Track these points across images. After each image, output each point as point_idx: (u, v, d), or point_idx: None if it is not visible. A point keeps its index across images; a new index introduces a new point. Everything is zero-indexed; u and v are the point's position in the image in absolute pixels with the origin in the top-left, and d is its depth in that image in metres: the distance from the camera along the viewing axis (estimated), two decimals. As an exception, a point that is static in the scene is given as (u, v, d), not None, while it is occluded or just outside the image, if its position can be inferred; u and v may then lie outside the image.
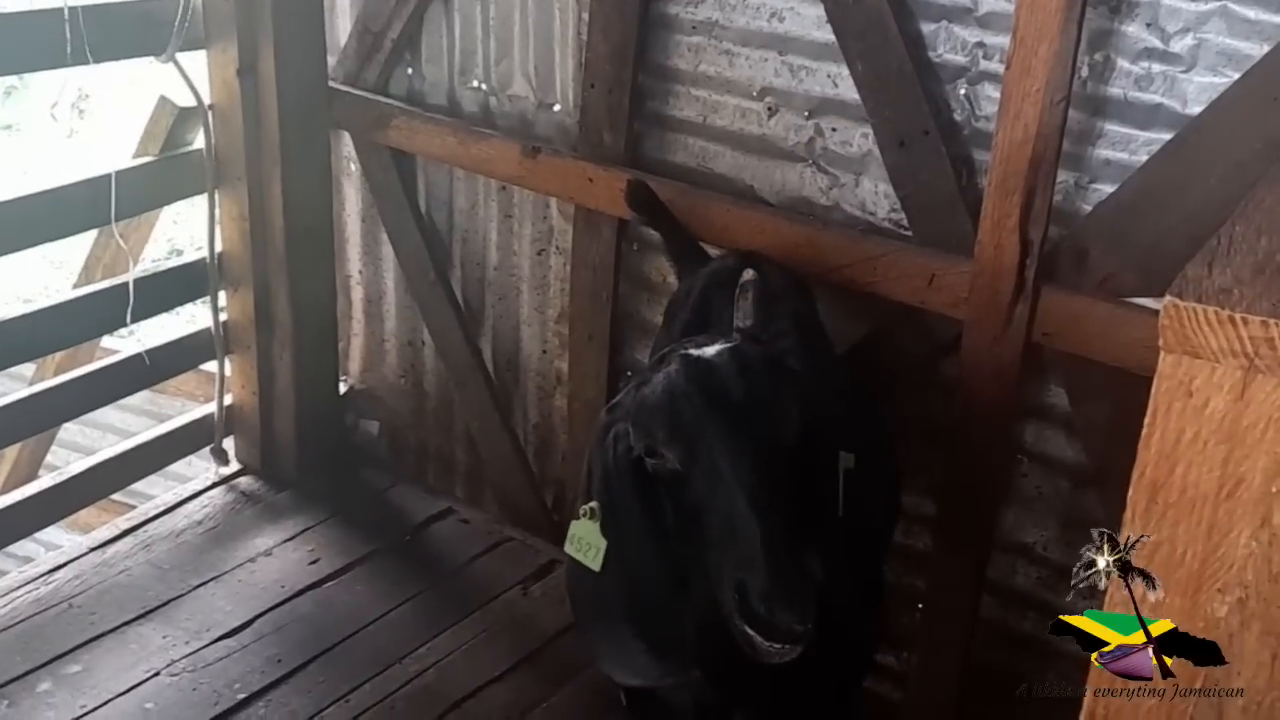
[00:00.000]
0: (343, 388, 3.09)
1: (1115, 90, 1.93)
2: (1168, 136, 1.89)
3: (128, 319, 2.53)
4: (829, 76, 2.18)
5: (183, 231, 6.12)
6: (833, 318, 2.20)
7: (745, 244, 2.21)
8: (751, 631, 1.25)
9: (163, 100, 2.59)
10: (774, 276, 1.96)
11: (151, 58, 2.45)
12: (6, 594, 2.46)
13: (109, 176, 2.42)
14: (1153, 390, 0.89)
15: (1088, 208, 2.00)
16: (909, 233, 2.16)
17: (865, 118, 2.15)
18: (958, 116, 2.08)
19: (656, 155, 2.43)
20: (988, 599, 2.25)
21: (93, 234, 2.87)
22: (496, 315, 2.85)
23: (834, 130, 2.21)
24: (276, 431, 2.94)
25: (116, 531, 2.69)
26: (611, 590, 1.49)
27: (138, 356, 2.71)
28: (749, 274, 1.54)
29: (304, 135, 2.70)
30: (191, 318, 3.50)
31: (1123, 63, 1.92)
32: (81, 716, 2.18)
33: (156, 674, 2.30)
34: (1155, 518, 0.91)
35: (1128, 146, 1.95)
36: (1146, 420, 0.90)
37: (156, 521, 2.74)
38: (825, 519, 1.38)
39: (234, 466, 2.97)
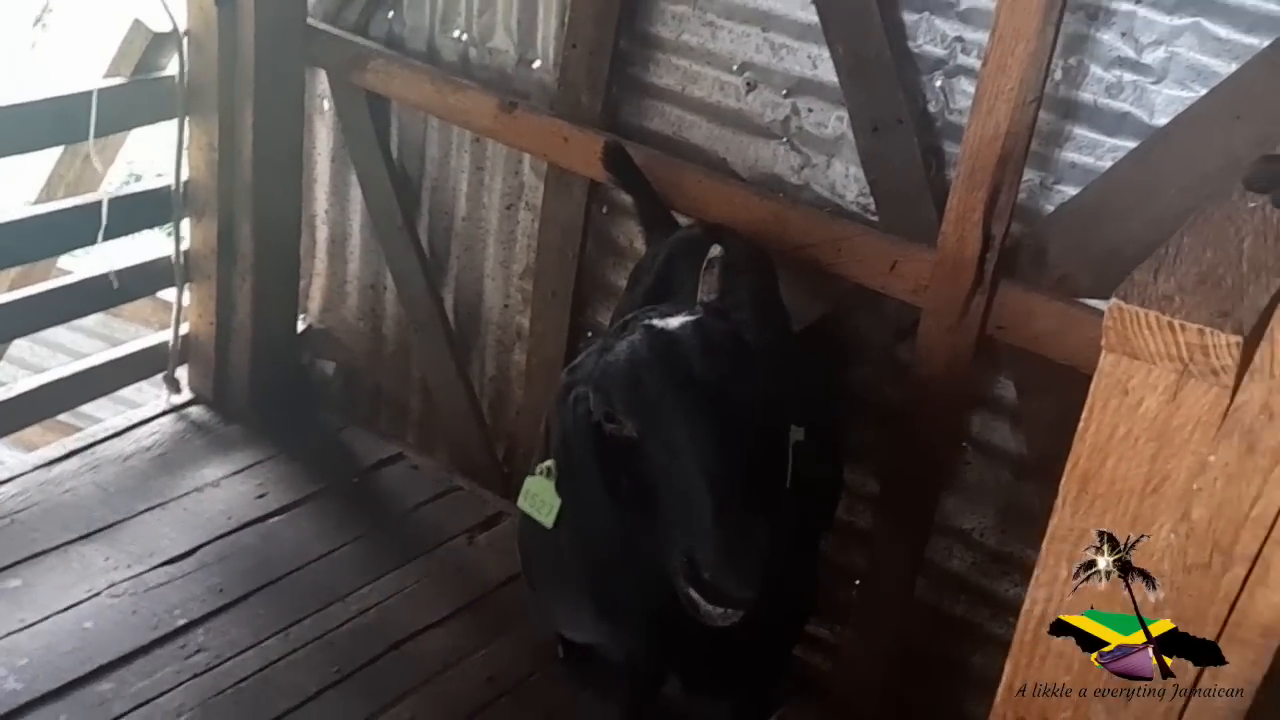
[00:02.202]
0: (301, 326, 3.08)
1: (1086, 95, 1.99)
2: (1133, 144, 1.95)
3: (99, 238, 2.49)
4: (809, 57, 2.21)
5: (142, 156, 5.98)
6: (795, 295, 2.24)
7: (715, 215, 2.24)
8: (696, 595, 1.29)
9: (137, 23, 2.54)
10: (736, 250, 1.99)
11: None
12: (-54, 507, 2.44)
13: (79, 95, 2.37)
14: (1092, 386, 0.94)
15: (1050, 208, 2.06)
16: (875, 218, 2.20)
17: (842, 101, 2.18)
18: (932, 108, 2.12)
19: (633, 120, 2.44)
20: (923, 580, 2.33)
21: (55, 152, 2.81)
22: (461, 266, 2.85)
23: (810, 111, 2.24)
24: (231, 364, 2.92)
25: (64, 451, 2.67)
26: (564, 547, 1.52)
27: (96, 278, 2.67)
28: (716, 250, 1.55)
29: (279, 69, 2.66)
30: (149, 244, 3.44)
31: (1095, 69, 1.97)
32: (19, 630, 2.19)
33: (97, 594, 2.31)
34: (1084, 507, 0.97)
35: (1094, 151, 2.01)
36: (1084, 414, 0.96)
37: (105, 444, 2.73)
38: (775, 491, 1.42)
39: (186, 395, 2.95)
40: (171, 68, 2.62)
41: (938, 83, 2.11)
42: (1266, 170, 1.08)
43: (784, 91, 2.26)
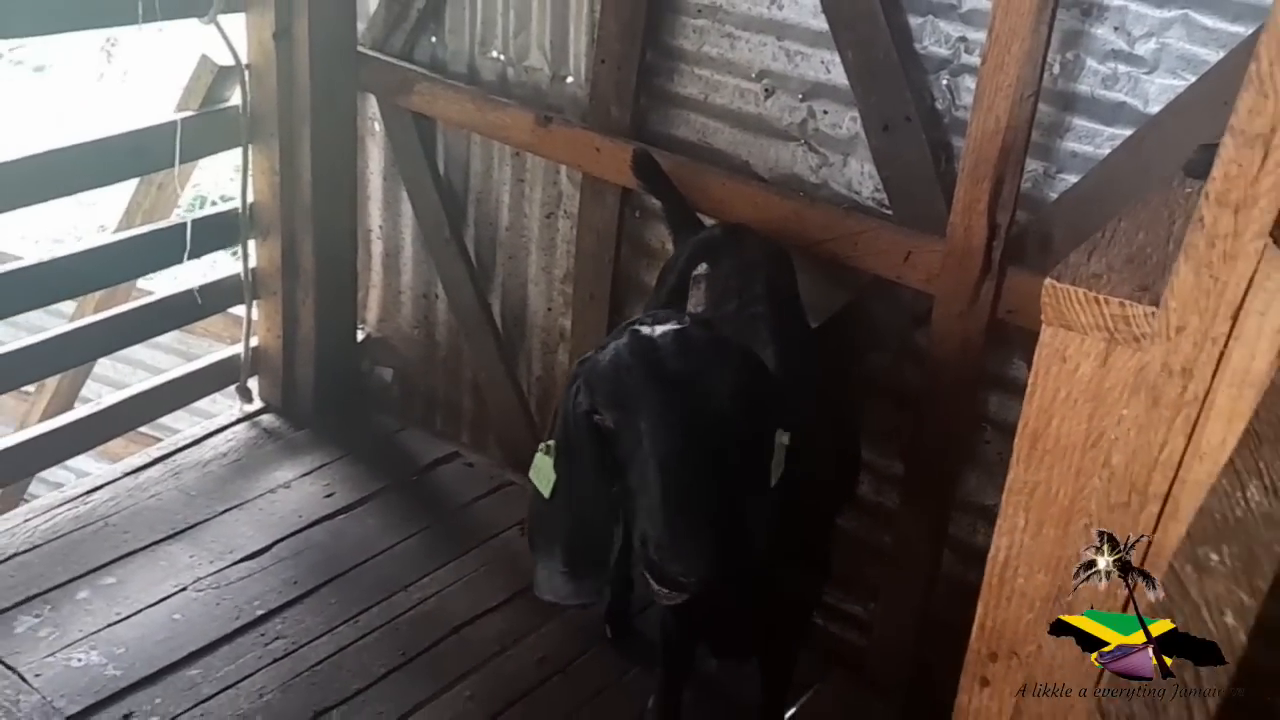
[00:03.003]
0: (360, 335, 3.28)
1: (1084, 87, 2.08)
2: (1129, 132, 2.04)
3: (184, 258, 2.73)
4: (822, 62, 2.33)
5: (205, 181, 6.31)
6: (816, 287, 2.37)
7: (738, 215, 2.38)
8: (647, 575, 1.44)
9: (204, 59, 2.76)
10: (752, 245, 2.11)
11: (196, 19, 2.62)
12: (48, 511, 2.68)
13: (153, 128, 2.61)
14: (1035, 355, 1.06)
15: (1054, 195, 2.15)
16: (890, 212, 2.32)
17: (854, 102, 2.30)
18: (939, 105, 2.23)
19: (660, 129, 2.59)
20: (949, 555, 2.44)
21: (133, 182, 3.06)
22: (506, 273, 3.02)
23: (825, 113, 2.37)
24: (297, 373, 3.14)
25: (149, 459, 2.90)
26: (555, 516, 1.67)
27: (174, 296, 2.91)
28: (702, 267, 1.65)
29: (332, 96, 2.87)
30: (213, 263, 3.68)
31: (1091, 62, 2.06)
32: (116, 623, 2.40)
33: (184, 589, 2.52)
34: (1035, 462, 1.09)
35: (1093, 140, 2.10)
36: (1029, 380, 1.08)
37: (185, 452, 2.95)
38: (753, 487, 1.54)
39: (257, 404, 3.18)
40: (235, 99, 2.84)
41: (944, 81, 2.22)
42: (1205, 158, 1.18)
43: (800, 96, 2.39)
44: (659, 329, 1.54)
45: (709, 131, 2.53)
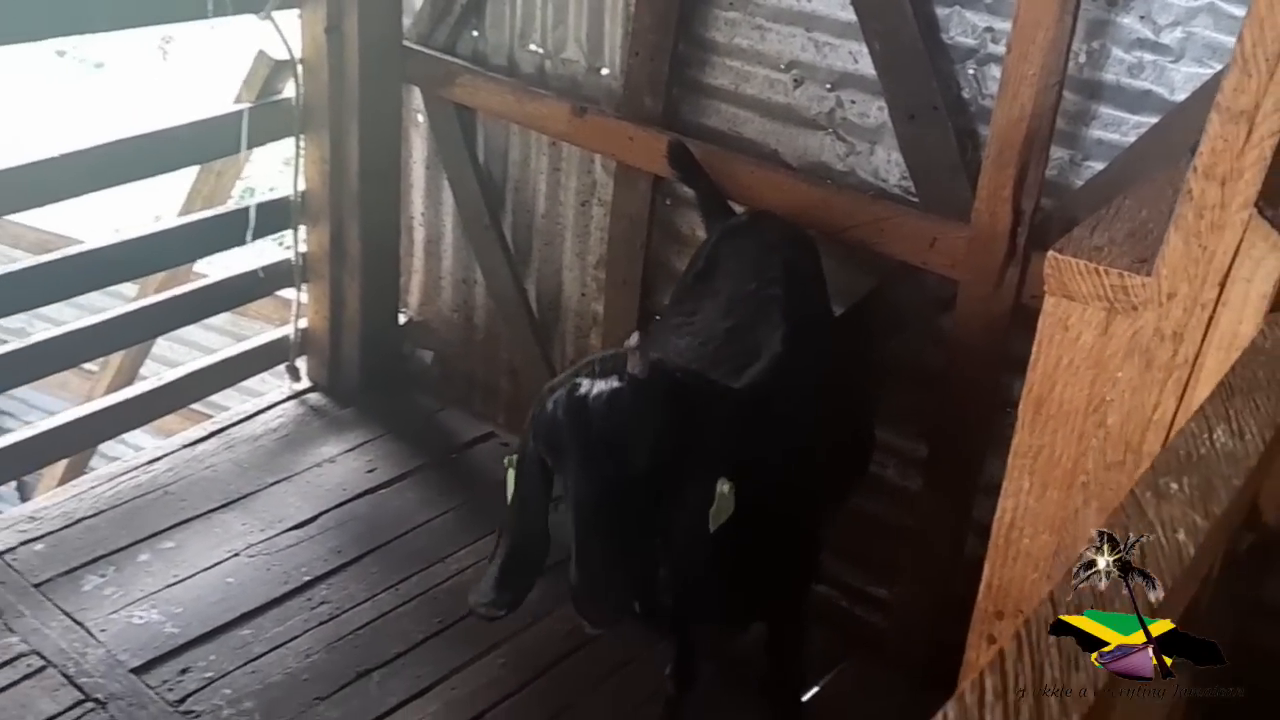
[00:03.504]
0: (402, 319, 3.39)
1: (1109, 76, 2.12)
2: (1155, 120, 2.08)
3: (249, 238, 2.92)
4: (850, 53, 2.39)
5: (256, 174, 6.49)
6: (843, 272, 2.44)
7: (766, 202, 2.44)
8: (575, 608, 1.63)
9: (260, 54, 2.89)
10: (773, 229, 2.18)
11: (253, 14, 2.74)
12: (112, 480, 2.83)
13: (214, 119, 2.75)
14: (1038, 325, 1.13)
15: (1079, 182, 2.19)
16: (916, 199, 2.37)
17: (881, 92, 2.36)
18: (965, 94, 2.29)
19: (692, 119, 2.66)
20: (973, 538, 2.49)
21: (193, 171, 3.20)
22: (542, 259, 3.12)
23: (853, 102, 2.43)
24: (343, 354, 3.26)
25: (204, 433, 3.04)
26: (505, 526, 1.87)
27: (226, 280, 3.05)
28: (633, 339, 1.75)
29: (379, 88, 2.98)
30: (259, 252, 3.84)
31: (1117, 51, 2.10)
32: (174, 584, 2.53)
33: (236, 554, 2.65)
34: (1039, 427, 1.16)
35: (1119, 128, 2.14)
36: (1034, 348, 1.15)
37: (238, 427, 3.09)
38: (684, 535, 1.68)
39: (305, 383, 3.30)
40: (288, 91, 2.96)
41: (970, 71, 2.27)
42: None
43: (828, 86, 2.45)
44: (596, 386, 1.65)
45: (739, 121, 2.60)
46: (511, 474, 1.79)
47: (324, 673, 2.36)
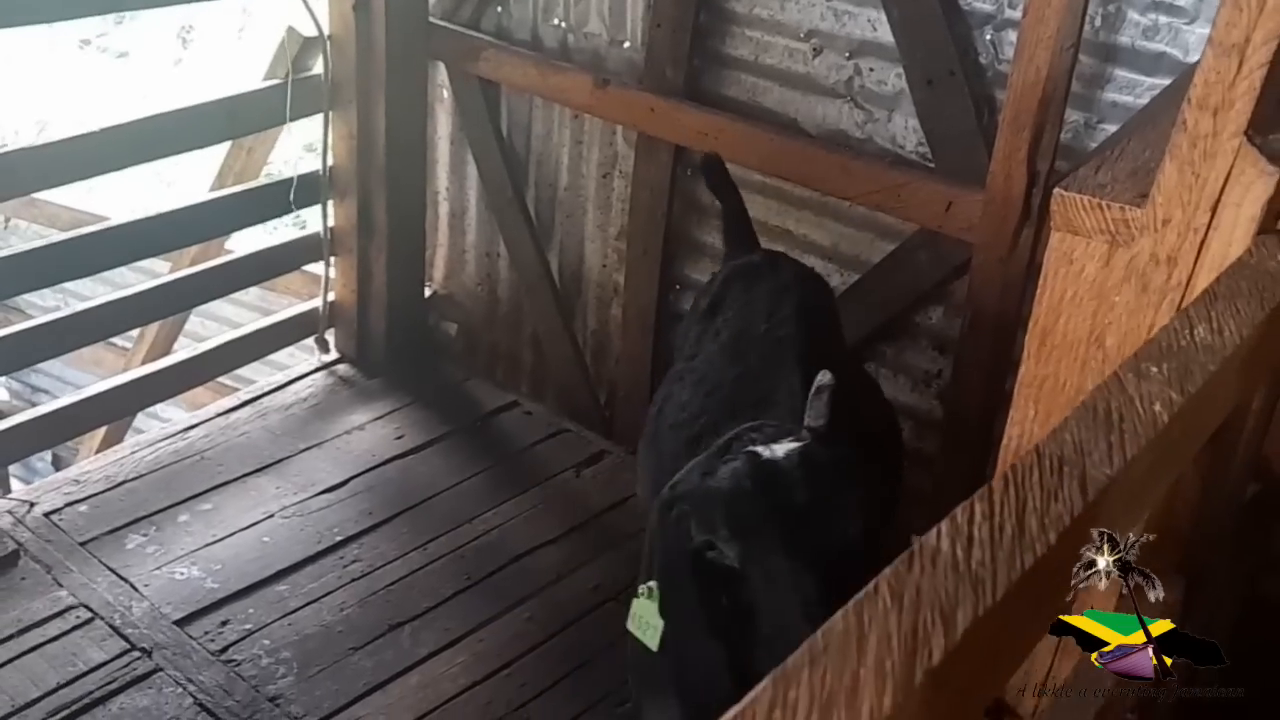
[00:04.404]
0: (427, 291, 3.47)
1: (1124, 39, 2.16)
2: (1169, 82, 2.11)
3: (292, 207, 3.02)
4: (869, 21, 2.44)
5: (277, 156, 6.59)
6: (861, 237, 2.49)
7: (786, 170, 2.51)
8: None
9: (291, 30, 2.97)
10: (786, 269, 2.08)
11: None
12: (152, 445, 2.92)
13: (243, 95, 2.84)
14: (1044, 259, 1.19)
15: (1094, 145, 2.24)
16: (932, 164, 2.43)
17: (899, 59, 2.41)
18: (982, 60, 2.33)
19: (713, 89, 2.72)
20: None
21: (225, 147, 3.29)
22: (564, 231, 3.19)
23: (871, 70, 2.48)
24: (370, 326, 3.34)
25: (238, 402, 3.13)
26: (667, 664, 1.51)
27: (255, 253, 3.14)
28: (825, 376, 1.48)
29: (406, 64, 3.04)
30: (274, 229, 3.91)
31: (1132, 14, 2.14)
32: (213, 543, 2.63)
33: (271, 516, 2.74)
34: (1044, 357, 1.22)
35: (1133, 90, 2.18)
36: (1040, 282, 1.21)
37: (270, 396, 3.18)
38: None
39: (334, 355, 3.39)
40: (317, 68, 3.04)
41: (987, 36, 2.32)
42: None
43: (846, 54, 2.50)
44: (779, 449, 1.39)
45: (759, 90, 2.66)
46: (650, 605, 1.45)
47: (357, 625, 2.45)
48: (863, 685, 0.50)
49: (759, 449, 1.42)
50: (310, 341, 3.40)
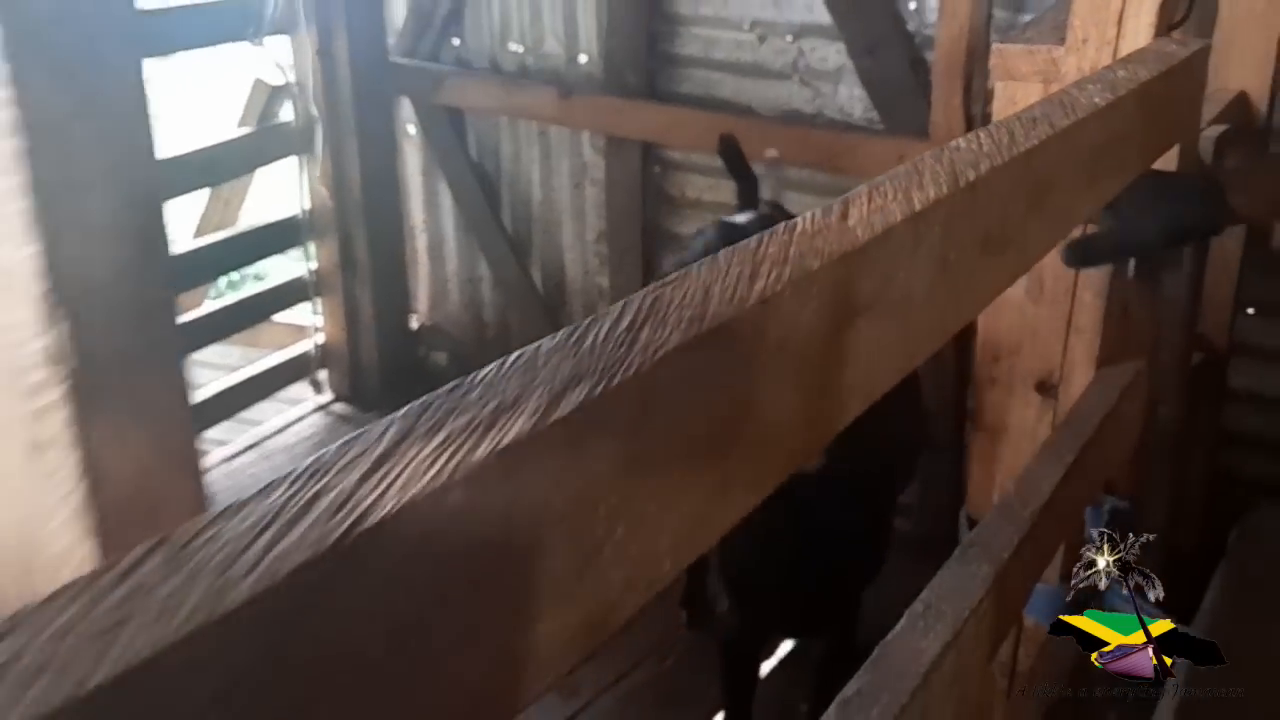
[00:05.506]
0: (414, 324, 3.57)
1: (1036, -11, 2.37)
2: (1082, 22, 2.32)
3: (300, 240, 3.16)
4: (805, 5, 2.65)
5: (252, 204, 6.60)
6: (825, 198, 2.64)
7: (750, 149, 2.65)
8: None
9: (258, 82, 3.12)
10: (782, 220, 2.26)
11: (246, 42, 2.98)
12: (159, 488, 2.97)
13: (219, 145, 2.97)
14: (992, 104, 1.33)
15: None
16: (881, 126, 2.60)
17: (838, 36, 2.60)
18: (911, 27, 2.54)
19: (670, 88, 2.90)
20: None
21: (201, 200, 3.40)
22: (543, 245, 3.32)
23: (813, 49, 2.67)
24: (362, 364, 3.42)
25: (241, 447, 3.19)
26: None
27: (241, 300, 3.25)
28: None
29: (373, 103, 3.20)
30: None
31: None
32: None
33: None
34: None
35: (1052, 35, 2.38)
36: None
37: (272, 439, 3.24)
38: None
39: (328, 395, 3.46)
40: (286, 114, 3.19)
41: (911, 5, 2.53)
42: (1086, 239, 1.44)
43: (789, 37, 2.69)
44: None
45: (713, 84, 2.84)
46: None
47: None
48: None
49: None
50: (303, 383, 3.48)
